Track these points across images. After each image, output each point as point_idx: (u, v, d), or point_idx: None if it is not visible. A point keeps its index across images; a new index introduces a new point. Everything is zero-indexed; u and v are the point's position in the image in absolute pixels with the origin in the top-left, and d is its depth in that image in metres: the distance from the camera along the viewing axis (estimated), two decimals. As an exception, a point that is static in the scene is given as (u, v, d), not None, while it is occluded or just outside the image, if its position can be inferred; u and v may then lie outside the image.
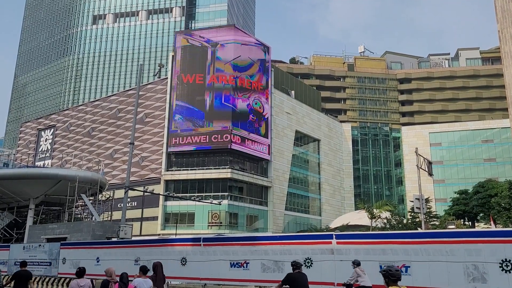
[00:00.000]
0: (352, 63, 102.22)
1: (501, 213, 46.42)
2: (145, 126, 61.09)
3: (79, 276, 10.32)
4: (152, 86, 63.34)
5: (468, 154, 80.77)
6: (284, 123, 65.14)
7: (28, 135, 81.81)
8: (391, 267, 5.71)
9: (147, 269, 10.69)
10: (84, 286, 10.15)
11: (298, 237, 16.89)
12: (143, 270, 10.61)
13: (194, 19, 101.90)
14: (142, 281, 10.29)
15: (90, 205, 36.30)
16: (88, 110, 71.97)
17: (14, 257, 26.16)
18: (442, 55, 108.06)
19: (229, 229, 52.63)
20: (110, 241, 25.87)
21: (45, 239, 31.56)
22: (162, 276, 11.44)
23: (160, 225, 54.53)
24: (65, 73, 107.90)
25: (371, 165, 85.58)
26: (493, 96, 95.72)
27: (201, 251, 17.58)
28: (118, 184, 56.28)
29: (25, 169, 43.07)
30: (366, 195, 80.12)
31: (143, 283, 10.25)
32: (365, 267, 13.02)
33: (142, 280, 10.36)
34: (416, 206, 30.02)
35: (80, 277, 10.31)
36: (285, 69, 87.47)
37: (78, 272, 10.41)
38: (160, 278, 11.24)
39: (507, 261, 11.12)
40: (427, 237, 12.85)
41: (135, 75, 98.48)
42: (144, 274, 10.56)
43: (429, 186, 69.46)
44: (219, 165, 55.25)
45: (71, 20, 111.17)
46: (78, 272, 10.42)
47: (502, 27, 69.57)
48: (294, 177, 66.40)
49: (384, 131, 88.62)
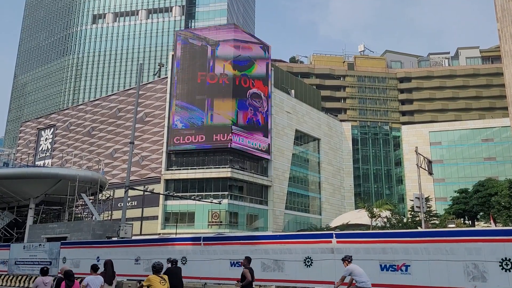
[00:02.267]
0: (352, 62, 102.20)
1: (501, 212, 46.45)
2: (145, 125, 61.10)
3: (43, 275, 11.33)
4: (152, 86, 63.34)
5: (468, 153, 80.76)
6: (284, 122, 65.13)
7: (28, 135, 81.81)
8: None
9: (97, 267, 11.70)
10: (48, 283, 11.12)
11: (298, 236, 16.88)
12: (94, 268, 11.57)
13: (194, 19, 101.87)
14: (94, 278, 11.21)
15: (90, 204, 36.34)
16: (88, 109, 71.97)
17: (15, 257, 26.20)
18: (442, 54, 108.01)
19: (229, 228, 52.64)
20: (111, 241, 25.90)
21: (45, 239, 31.60)
22: (111, 272, 12.69)
23: (160, 225, 54.54)
24: (65, 72, 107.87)
25: (371, 164, 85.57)
26: (493, 95, 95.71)
27: (201, 251, 17.59)
28: (118, 184, 56.30)
29: (25, 168, 43.08)
30: (366, 194, 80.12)
31: (94, 280, 11.15)
32: (365, 266, 13.02)
33: (94, 277, 11.26)
34: (416, 205, 30.03)
35: (44, 275, 11.32)
36: (285, 68, 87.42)
37: (42, 271, 11.48)
38: (109, 274, 12.46)
39: (507, 260, 11.12)
40: (427, 236, 12.85)
41: (135, 75, 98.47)
42: (95, 272, 11.49)
43: (429, 185, 69.46)
44: (219, 164, 55.25)
45: (71, 19, 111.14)
46: (42, 271, 11.49)
47: (502, 26, 69.53)
48: (294, 176, 66.40)
49: (384, 130, 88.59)
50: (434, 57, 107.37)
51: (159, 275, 10.05)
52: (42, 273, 11.42)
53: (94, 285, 10.96)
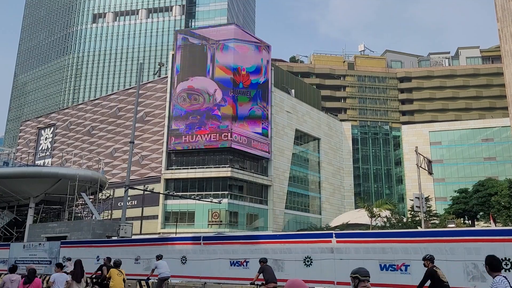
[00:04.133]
0: (352, 62, 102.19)
1: (501, 212, 46.49)
2: (145, 124, 61.10)
3: (11, 272, 11.90)
4: (152, 85, 63.33)
5: (468, 153, 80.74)
6: (284, 121, 65.12)
7: (28, 134, 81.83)
8: None
9: (62, 265, 13.09)
10: (15, 280, 11.46)
11: (298, 236, 16.88)
12: (59, 266, 12.70)
13: (194, 18, 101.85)
14: (59, 275, 12.17)
15: (90, 203, 36.32)
16: (88, 109, 71.97)
17: (14, 256, 26.20)
18: (442, 53, 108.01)
19: (229, 227, 52.66)
20: (110, 240, 25.90)
21: (45, 238, 31.57)
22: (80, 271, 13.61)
23: (160, 224, 54.55)
24: (65, 71, 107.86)
25: (371, 164, 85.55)
26: (493, 95, 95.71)
27: (201, 250, 17.59)
28: (118, 183, 56.33)
29: (25, 168, 43.06)
30: (366, 194, 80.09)
31: (59, 277, 12.13)
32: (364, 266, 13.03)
33: (59, 274, 12.24)
34: (416, 205, 30.07)
35: (12, 272, 11.86)
36: (285, 67, 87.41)
37: (11, 269, 12.17)
38: (78, 273, 13.39)
39: (507, 260, 11.13)
40: (427, 236, 12.87)
41: (135, 74, 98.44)
42: (61, 269, 12.52)
43: (429, 184, 69.45)
44: (219, 164, 55.25)
45: (71, 18, 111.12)
46: (10, 269, 12.21)
47: (502, 26, 69.51)
48: (294, 176, 66.41)
49: (384, 129, 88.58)
50: (434, 56, 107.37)
51: (118, 269, 13.61)
52: (10, 270, 12.03)
53: (59, 282, 11.98)
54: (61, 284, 11.92)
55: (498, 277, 6.43)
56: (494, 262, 6.62)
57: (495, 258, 6.66)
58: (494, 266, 6.61)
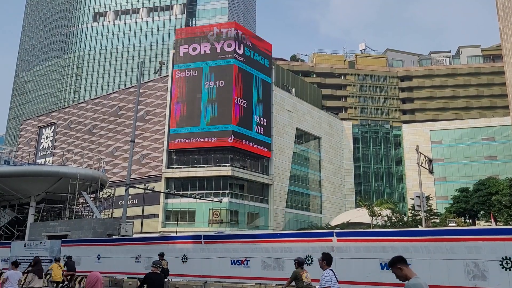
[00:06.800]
0: (353, 61, 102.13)
1: (501, 211, 46.47)
2: (145, 123, 61.10)
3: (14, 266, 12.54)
4: (153, 84, 63.32)
5: (469, 152, 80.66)
6: (285, 120, 65.10)
7: (29, 133, 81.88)
8: None
9: (18, 263, 13.02)
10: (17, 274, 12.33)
11: (299, 234, 16.88)
12: (15, 264, 12.77)
13: (195, 17, 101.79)
14: (14, 273, 12.24)
15: (91, 202, 36.38)
16: (88, 107, 72.00)
17: (15, 255, 26.23)
18: (443, 52, 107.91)
19: (229, 226, 52.66)
20: (111, 239, 25.91)
21: (46, 237, 31.64)
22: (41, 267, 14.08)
23: (160, 223, 54.57)
24: (66, 70, 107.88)
25: (372, 163, 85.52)
26: (494, 94, 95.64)
27: (202, 249, 17.60)
28: (119, 182, 56.37)
29: (26, 166, 43.10)
30: (366, 193, 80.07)
31: (14, 274, 12.19)
32: (365, 265, 13.05)
33: (14, 272, 12.31)
34: (417, 204, 30.04)
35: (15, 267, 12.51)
36: (286, 66, 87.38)
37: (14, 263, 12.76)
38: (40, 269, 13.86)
39: (508, 259, 11.12)
40: (428, 235, 12.85)
41: (136, 73, 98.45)
42: (16, 267, 12.59)
43: (430, 184, 69.38)
44: (220, 163, 55.24)
45: (72, 17, 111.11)
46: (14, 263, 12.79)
47: (504, 25, 69.43)
48: (295, 175, 66.40)
49: (385, 128, 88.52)
50: (435, 55, 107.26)
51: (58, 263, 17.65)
52: (14, 264, 12.62)
53: (13, 279, 12.09)
54: (14, 281, 12.05)
55: (327, 270, 8.49)
56: (328, 257, 8.68)
57: (329, 254, 8.75)
58: (328, 260, 8.64)
